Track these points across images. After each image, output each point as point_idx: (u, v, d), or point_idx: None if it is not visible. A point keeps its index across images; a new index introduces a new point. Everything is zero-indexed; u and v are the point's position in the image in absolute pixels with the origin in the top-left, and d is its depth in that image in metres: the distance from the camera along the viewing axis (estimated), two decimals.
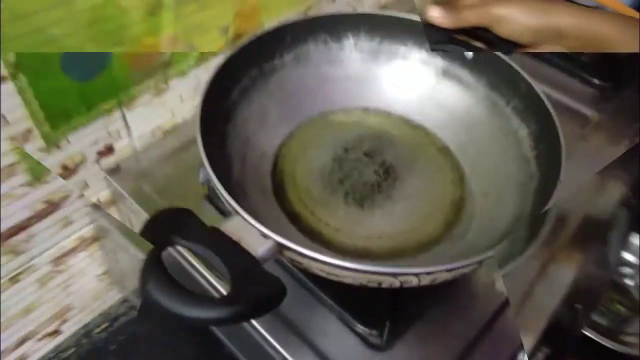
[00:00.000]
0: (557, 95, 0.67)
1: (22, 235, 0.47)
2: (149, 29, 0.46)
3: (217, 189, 0.37)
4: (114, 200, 0.55)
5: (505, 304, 0.48)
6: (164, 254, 0.33)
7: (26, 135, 0.44)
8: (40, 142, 0.45)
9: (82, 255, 0.55)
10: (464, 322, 0.46)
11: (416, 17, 0.53)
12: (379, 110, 0.55)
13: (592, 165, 0.60)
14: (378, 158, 0.51)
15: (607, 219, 0.58)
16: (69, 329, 0.59)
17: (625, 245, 0.81)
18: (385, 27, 0.54)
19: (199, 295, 0.30)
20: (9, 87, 0.40)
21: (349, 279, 0.36)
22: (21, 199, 0.45)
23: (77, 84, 0.45)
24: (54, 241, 0.51)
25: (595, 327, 0.72)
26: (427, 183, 0.50)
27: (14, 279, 0.49)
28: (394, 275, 0.35)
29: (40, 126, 0.44)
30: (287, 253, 0.36)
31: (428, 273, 0.35)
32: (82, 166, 0.50)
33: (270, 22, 0.59)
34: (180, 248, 0.35)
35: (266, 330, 0.43)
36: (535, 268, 0.51)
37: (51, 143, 0.46)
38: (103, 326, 0.61)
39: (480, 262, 0.36)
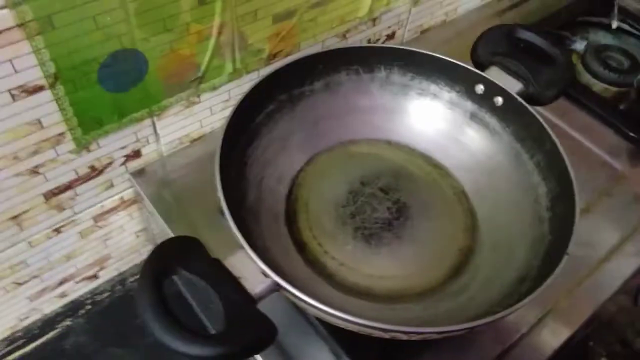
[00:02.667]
0: (589, 144, 0.66)
1: (67, 194, 0.51)
2: (198, 17, 0.47)
3: (228, 220, 0.39)
4: (136, 201, 0.58)
5: (500, 357, 0.48)
6: None
7: (58, 138, 0.46)
8: (71, 145, 0.47)
9: (122, 214, 0.59)
10: None
11: (451, 58, 0.53)
12: (401, 145, 0.56)
13: (612, 222, 0.59)
14: (393, 195, 0.52)
15: None
16: (106, 275, 0.64)
17: None
18: (419, 64, 0.54)
19: (191, 331, 0.31)
20: (46, 94, 0.43)
21: (340, 324, 0.37)
22: (66, 163, 0.49)
23: (111, 95, 0.46)
24: (97, 200, 0.55)
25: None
26: (439, 227, 0.50)
27: (58, 230, 0.53)
28: (384, 330, 0.35)
29: (72, 131, 0.46)
30: (285, 292, 0.37)
31: (418, 333, 0.36)
32: (108, 167, 0.52)
33: (307, 43, 0.60)
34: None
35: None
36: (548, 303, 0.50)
37: (81, 146, 0.48)
38: (137, 276, 0.66)
39: (473, 328, 0.37)
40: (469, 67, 0.53)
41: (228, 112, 0.45)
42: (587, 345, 0.57)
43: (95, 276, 0.62)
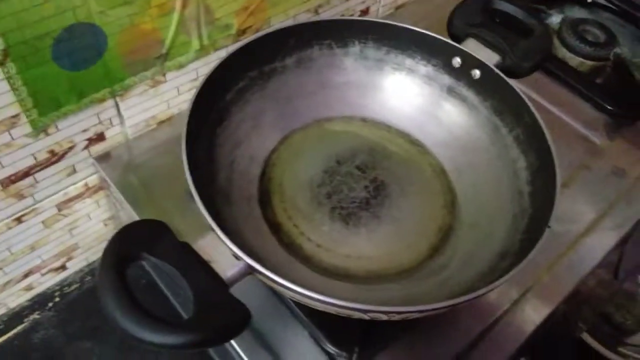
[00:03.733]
0: (566, 118, 0.65)
1: (26, 181, 0.48)
2: None
3: (196, 201, 0.36)
4: (101, 187, 0.55)
5: (482, 335, 0.47)
6: None
7: (13, 120, 0.43)
8: (27, 128, 0.44)
9: (88, 201, 0.56)
10: (437, 352, 0.45)
11: (427, 31, 0.52)
12: (377, 122, 0.54)
13: (591, 196, 0.58)
14: (370, 173, 0.50)
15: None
16: (74, 266, 0.61)
17: None
18: (394, 38, 0.53)
19: (157, 318, 0.29)
20: None
21: (319, 307, 0.36)
22: (23, 148, 0.46)
23: (68, 73, 0.44)
24: (59, 187, 0.52)
25: (595, 334, 0.70)
26: (417, 205, 0.49)
27: (19, 219, 0.50)
28: (364, 311, 0.34)
29: (27, 113, 0.43)
30: (259, 275, 0.35)
31: (398, 312, 0.34)
32: (70, 152, 0.49)
33: (278, 18, 0.57)
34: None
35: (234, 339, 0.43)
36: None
37: (39, 129, 0.45)
38: None
39: (454, 305, 0.35)
40: (445, 39, 0.51)
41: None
42: (568, 321, 0.57)
43: (62, 267, 0.60)
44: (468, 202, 0.49)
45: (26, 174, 0.47)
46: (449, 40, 0.51)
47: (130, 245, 0.33)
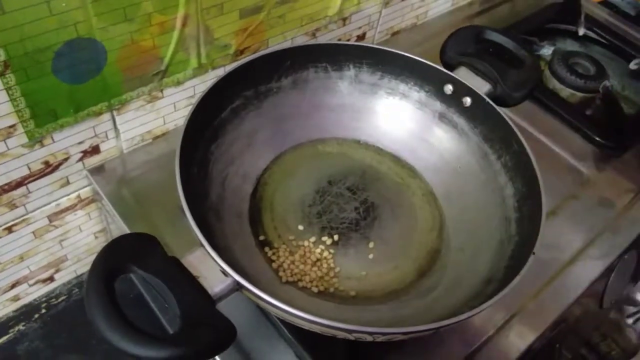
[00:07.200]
0: (556, 148, 0.66)
1: (19, 191, 0.48)
2: (161, 7, 0.45)
3: (187, 217, 0.37)
4: (94, 199, 0.55)
5: (469, 357, 0.47)
6: None
7: (9, 130, 0.43)
8: (23, 138, 0.45)
9: (80, 213, 0.56)
10: None
11: (420, 58, 0.53)
12: (370, 145, 0.55)
13: (578, 225, 0.59)
14: (361, 195, 0.51)
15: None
16: (62, 278, 0.61)
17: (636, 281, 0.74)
18: (388, 63, 0.54)
19: (143, 332, 0.30)
20: None
21: (304, 325, 0.36)
22: (18, 158, 0.46)
23: (67, 86, 0.44)
24: (51, 198, 0.52)
25: None
26: (406, 228, 0.50)
27: (9, 229, 0.51)
28: (348, 331, 0.34)
29: (24, 123, 0.44)
30: (246, 292, 0.36)
31: (383, 333, 0.35)
32: (64, 163, 0.50)
33: (276, 40, 0.59)
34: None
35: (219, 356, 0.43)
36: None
37: (34, 140, 0.46)
38: None
39: (438, 328, 0.36)
40: (437, 66, 0.53)
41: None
42: (553, 348, 0.57)
43: (50, 279, 0.59)
44: (456, 227, 0.50)
45: (19, 183, 0.48)
46: (442, 68, 0.52)
47: (119, 257, 0.33)
